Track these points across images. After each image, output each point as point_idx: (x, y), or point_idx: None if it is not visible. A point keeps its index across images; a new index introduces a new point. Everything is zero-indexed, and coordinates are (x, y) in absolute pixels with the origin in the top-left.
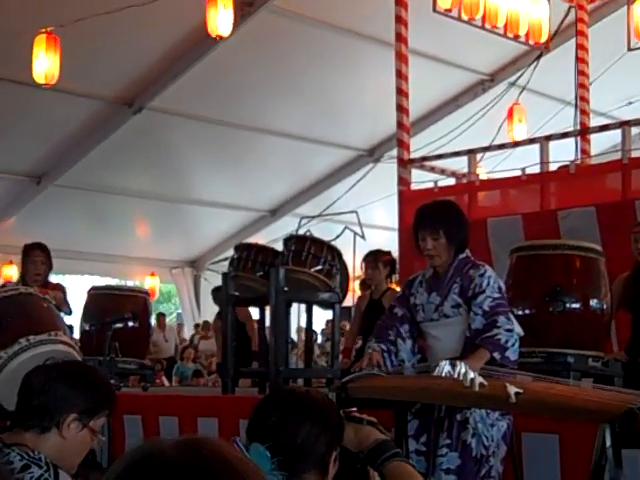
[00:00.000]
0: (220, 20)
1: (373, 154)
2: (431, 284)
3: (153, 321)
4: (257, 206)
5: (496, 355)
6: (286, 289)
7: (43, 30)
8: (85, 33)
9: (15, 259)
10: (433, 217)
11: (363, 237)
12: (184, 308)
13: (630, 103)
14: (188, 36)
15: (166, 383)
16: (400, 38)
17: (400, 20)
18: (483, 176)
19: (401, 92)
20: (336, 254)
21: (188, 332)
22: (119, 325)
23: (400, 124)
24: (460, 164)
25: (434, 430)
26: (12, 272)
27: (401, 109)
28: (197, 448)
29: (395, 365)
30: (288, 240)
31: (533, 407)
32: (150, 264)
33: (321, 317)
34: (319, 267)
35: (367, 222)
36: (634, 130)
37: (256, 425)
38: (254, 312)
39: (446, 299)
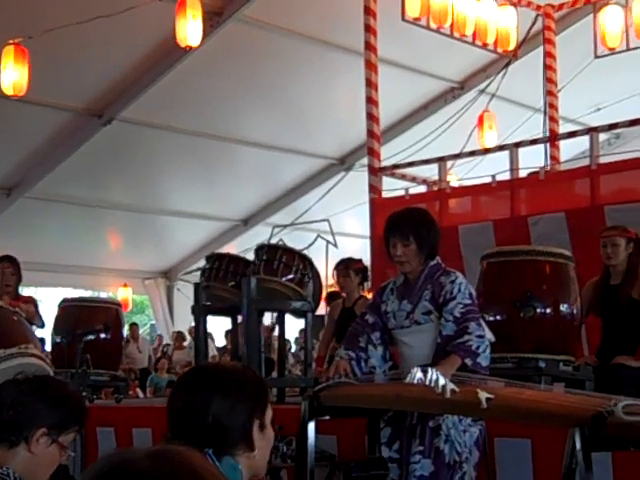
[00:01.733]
0: (189, 30)
1: (344, 162)
2: (402, 291)
3: (126, 332)
4: (229, 216)
5: (467, 361)
6: (258, 298)
7: (11, 41)
8: (54, 44)
9: None
10: (404, 224)
11: (335, 245)
12: (157, 319)
13: (598, 109)
14: (158, 46)
15: (140, 394)
16: (369, 47)
17: (369, 29)
18: (454, 183)
19: (371, 101)
20: (308, 263)
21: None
22: (91, 337)
23: (370, 132)
24: (431, 171)
25: (407, 437)
26: None
27: (371, 117)
28: (168, 459)
29: (365, 372)
30: (259, 249)
31: (504, 412)
32: (123, 275)
33: (296, 326)
34: (291, 276)
35: (339, 230)
36: (602, 136)
37: (172, 413)
38: (226, 322)
39: (417, 306)
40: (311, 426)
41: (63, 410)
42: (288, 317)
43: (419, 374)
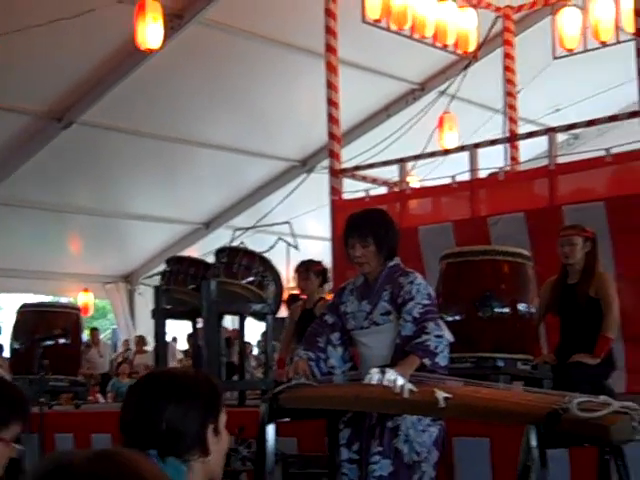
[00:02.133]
0: (149, 33)
1: (306, 165)
2: (361, 292)
3: (86, 337)
4: (191, 219)
5: (426, 361)
6: (218, 301)
7: None
8: (10, 47)
9: None
10: (362, 225)
11: (296, 248)
12: (119, 323)
13: (557, 110)
14: (118, 49)
15: (101, 400)
16: (330, 49)
17: (329, 31)
18: (415, 184)
19: (331, 102)
20: (268, 265)
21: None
22: (49, 342)
23: (331, 134)
24: (392, 173)
25: (366, 438)
26: None
27: (332, 119)
28: (110, 460)
29: (324, 373)
30: (220, 252)
31: (462, 411)
32: (84, 280)
33: (259, 329)
34: (251, 278)
35: (301, 232)
36: (561, 137)
37: (124, 421)
38: (187, 325)
39: (376, 307)
40: (270, 428)
41: (2, 405)
42: (251, 320)
43: (377, 375)
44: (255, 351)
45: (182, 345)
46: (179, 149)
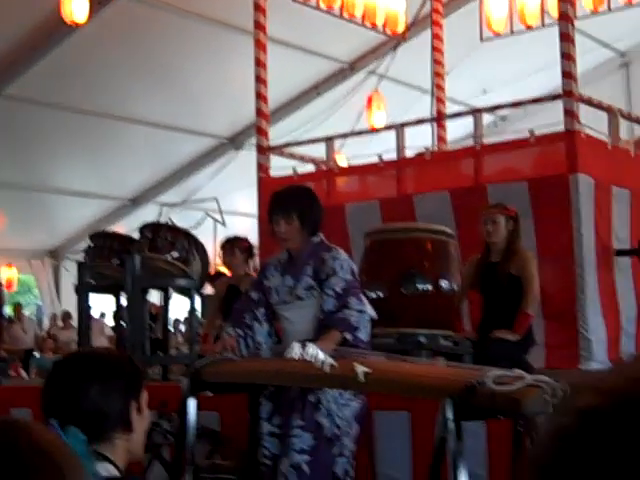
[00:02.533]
0: (75, 6)
1: (235, 142)
2: (285, 267)
3: (9, 312)
4: (118, 194)
5: (347, 335)
6: (142, 276)
7: None
8: None
9: None
10: (286, 201)
11: (224, 224)
12: (44, 299)
13: (485, 92)
14: (43, 22)
15: (24, 375)
16: (258, 26)
17: (258, 8)
18: (343, 163)
19: (260, 80)
20: (193, 241)
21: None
22: None
23: (259, 111)
24: (321, 151)
25: (287, 412)
26: None
27: (260, 97)
28: (5, 429)
29: (252, 349)
30: (144, 228)
31: (381, 386)
32: (7, 255)
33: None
34: (175, 254)
35: (229, 209)
36: (488, 118)
37: (47, 400)
38: (110, 300)
39: (299, 282)
40: (192, 402)
41: None
42: (180, 296)
43: (299, 349)
44: (184, 327)
45: (111, 321)
46: (106, 124)
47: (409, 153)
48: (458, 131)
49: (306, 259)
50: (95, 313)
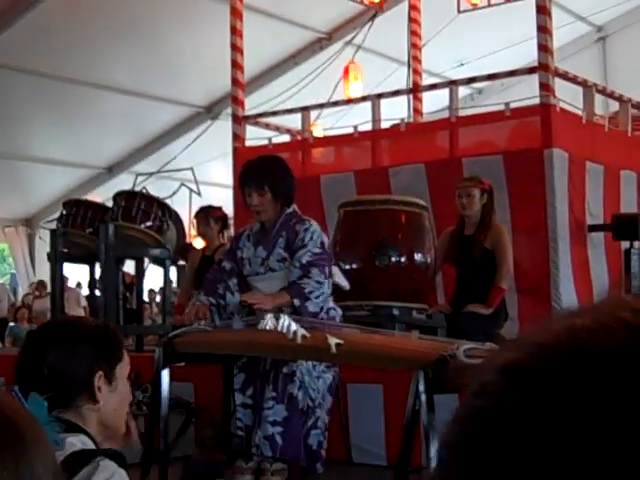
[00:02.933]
0: None
1: (211, 111)
2: (258, 238)
3: None
4: (93, 163)
5: (295, 301)
6: (116, 245)
7: None
8: None
9: None
10: (258, 173)
11: (199, 194)
12: (18, 268)
13: (462, 64)
14: None
15: None
16: None
17: None
18: (320, 134)
19: (235, 48)
20: (167, 210)
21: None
22: None
23: (235, 80)
24: (297, 122)
25: (260, 383)
26: None
27: (236, 65)
28: None
29: (224, 319)
30: (117, 196)
31: (353, 357)
32: None
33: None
34: (149, 223)
35: (204, 179)
36: (465, 91)
37: (17, 368)
38: (85, 269)
39: (272, 253)
40: (165, 373)
41: None
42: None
43: (271, 320)
44: (159, 298)
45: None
46: (82, 91)
47: (385, 125)
48: (434, 104)
49: (278, 231)
50: (72, 283)
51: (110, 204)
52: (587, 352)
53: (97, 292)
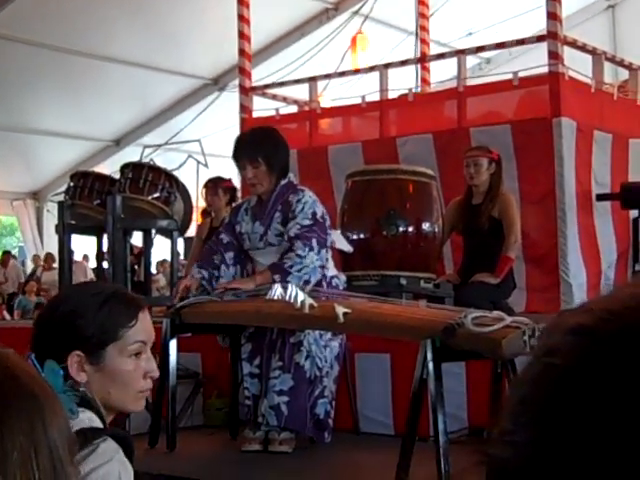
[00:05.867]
0: None
1: (218, 83)
2: (255, 213)
3: None
4: (101, 136)
5: (276, 277)
6: (123, 217)
7: None
8: None
9: None
10: (251, 145)
11: (206, 166)
12: (26, 241)
13: (470, 34)
14: None
15: (7, 317)
16: None
17: None
18: (327, 104)
19: (242, 19)
20: (174, 181)
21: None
22: None
23: (242, 51)
24: (304, 93)
25: (267, 353)
26: None
27: (242, 36)
28: None
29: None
30: (125, 168)
31: (361, 326)
32: None
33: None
34: (157, 194)
35: (212, 151)
36: (473, 60)
37: (33, 336)
38: (92, 241)
39: (269, 228)
40: (172, 343)
41: None
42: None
43: (279, 290)
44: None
45: (94, 263)
46: (88, 64)
47: (393, 95)
48: (442, 74)
49: (274, 204)
50: (78, 256)
51: (117, 177)
52: None
53: (105, 264)
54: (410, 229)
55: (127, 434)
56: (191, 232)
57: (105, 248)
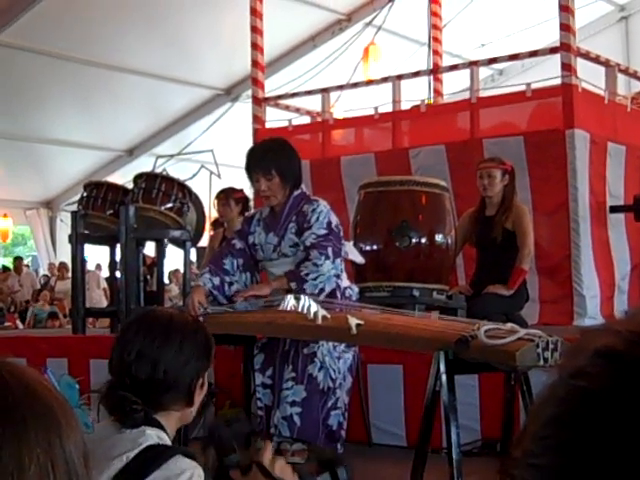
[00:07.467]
0: None
1: (231, 93)
2: (268, 223)
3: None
4: (114, 146)
5: (292, 285)
6: (136, 227)
7: None
8: None
9: None
10: (264, 157)
11: (219, 176)
12: (39, 250)
13: (483, 45)
14: None
15: (20, 326)
16: None
17: None
18: (339, 115)
19: (256, 30)
20: (187, 191)
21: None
22: None
23: (255, 62)
24: (316, 104)
25: (279, 363)
26: None
27: (256, 47)
28: None
29: (228, 296)
30: (138, 178)
31: (373, 338)
32: (2, 205)
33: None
34: (170, 205)
35: (224, 162)
36: (486, 72)
37: (117, 361)
38: (104, 251)
39: (283, 239)
40: None
41: None
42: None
43: (292, 301)
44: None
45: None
46: (101, 74)
47: (405, 106)
48: (455, 85)
49: (288, 215)
50: (91, 265)
51: (130, 187)
52: None
53: (117, 274)
54: (423, 240)
55: (194, 453)
56: (204, 242)
57: (118, 258)
